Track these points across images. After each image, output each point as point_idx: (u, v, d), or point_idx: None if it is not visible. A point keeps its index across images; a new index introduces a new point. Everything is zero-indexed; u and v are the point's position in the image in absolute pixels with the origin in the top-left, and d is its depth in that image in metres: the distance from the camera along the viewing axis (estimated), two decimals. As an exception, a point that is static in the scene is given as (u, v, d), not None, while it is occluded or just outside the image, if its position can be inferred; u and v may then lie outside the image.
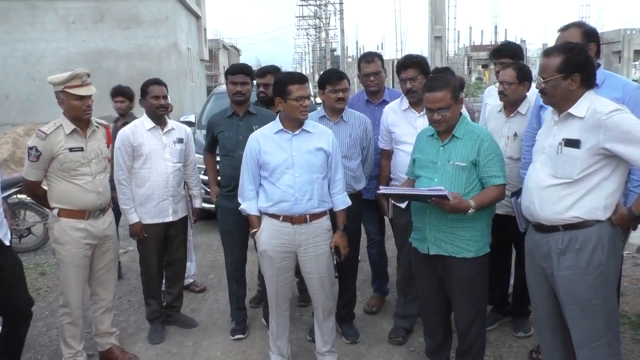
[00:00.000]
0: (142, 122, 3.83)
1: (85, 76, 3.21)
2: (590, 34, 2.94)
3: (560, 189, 2.49)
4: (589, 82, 2.49)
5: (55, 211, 3.29)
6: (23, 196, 5.78)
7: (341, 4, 38.33)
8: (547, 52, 2.54)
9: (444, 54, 11.57)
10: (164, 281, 4.16)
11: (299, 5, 47.81)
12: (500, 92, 3.48)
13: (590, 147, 2.40)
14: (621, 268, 3.22)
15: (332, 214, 3.24)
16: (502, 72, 3.50)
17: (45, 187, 3.35)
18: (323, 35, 48.43)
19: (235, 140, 3.74)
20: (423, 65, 3.49)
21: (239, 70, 3.82)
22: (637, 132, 2.31)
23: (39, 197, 3.41)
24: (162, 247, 3.91)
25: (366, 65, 4.02)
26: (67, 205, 3.27)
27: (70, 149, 3.23)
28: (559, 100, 2.51)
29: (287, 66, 67.10)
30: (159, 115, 3.82)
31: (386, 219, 4.03)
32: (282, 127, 3.09)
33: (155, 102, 3.77)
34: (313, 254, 3.14)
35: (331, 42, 47.29)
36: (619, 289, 3.29)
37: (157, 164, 3.76)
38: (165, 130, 3.85)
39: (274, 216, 3.09)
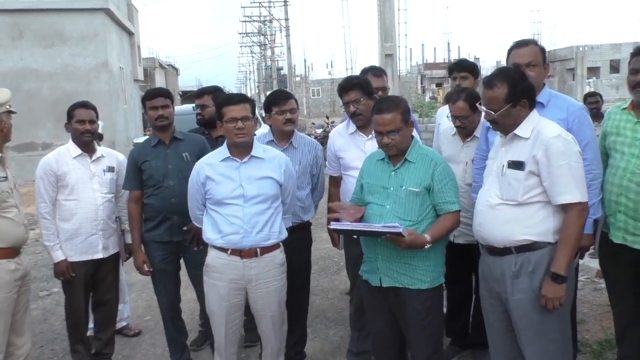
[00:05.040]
0: (67, 149, 3.73)
1: None
2: (544, 52, 3.14)
3: (508, 210, 2.65)
4: (533, 103, 2.68)
5: None
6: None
7: (287, 20, 38.83)
8: (490, 84, 2.66)
9: (396, 73, 11.82)
10: (92, 325, 4.05)
11: (242, 22, 47.99)
12: (458, 127, 3.59)
13: (532, 168, 2.58)
14: (576, 294, 3.36)
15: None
16: (453, 107, 3.58)
17: None
18: (269, 53, 48.72)
19: (164, 170, 3.66)
20: (365, 86, 3.55)
21: (157, 94, 3.77)
22: (562, 166, 2.51)
23: None
24: (89, 287, 3.79)
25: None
26: (0, 242, 3.12)
27: None
28: (510, 127, 2.68)
29: (230, 86, 66.93)
30: (85, 142, 3.72)
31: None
32: (229, 155, 3.08)
33: (80, 127, 3.67)
34: (264, 290, 3.12)
35: (277, 61, 47.57)
36: (576, 315, 3.42)
37: (85, 195, 3.66)
38: (93, 157, 3.76)
39: (222, 249, 3.06)
